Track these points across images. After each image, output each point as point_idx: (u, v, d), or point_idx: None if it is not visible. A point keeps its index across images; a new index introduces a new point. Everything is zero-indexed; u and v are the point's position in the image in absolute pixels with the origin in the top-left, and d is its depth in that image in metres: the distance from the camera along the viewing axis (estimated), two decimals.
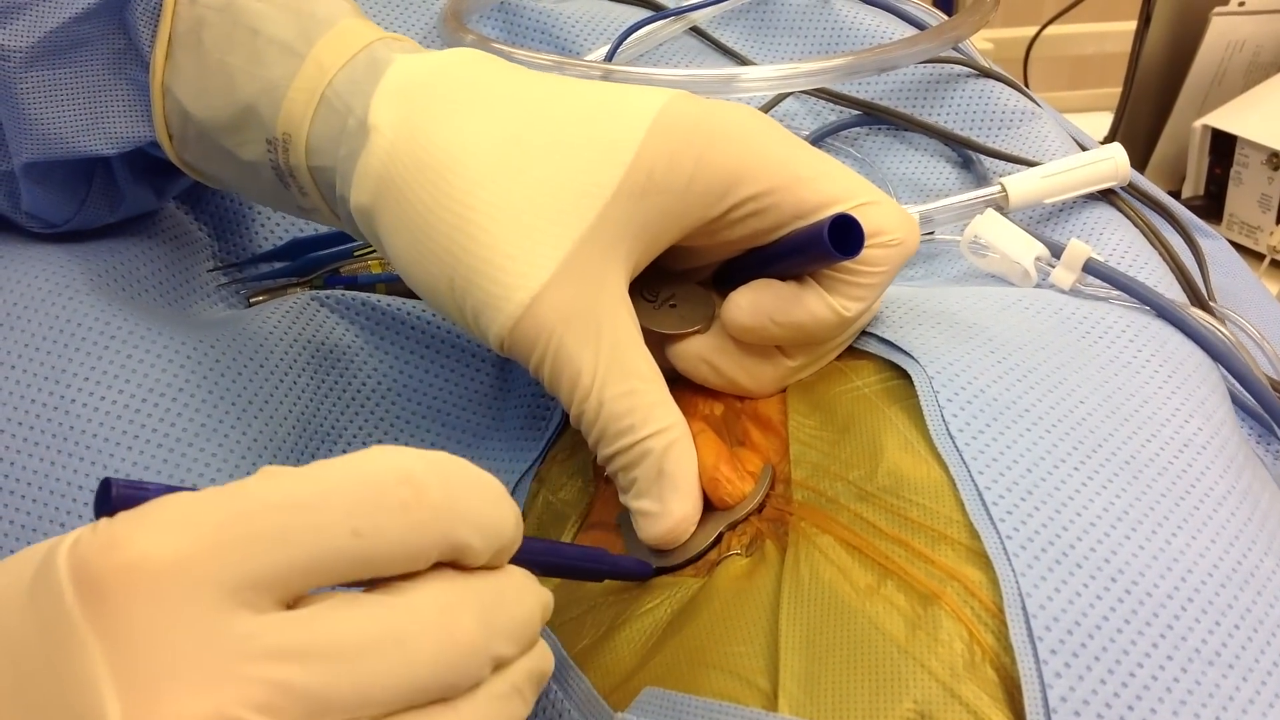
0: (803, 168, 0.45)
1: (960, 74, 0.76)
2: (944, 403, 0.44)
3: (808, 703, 0.37)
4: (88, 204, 0.56)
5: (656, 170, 0.44)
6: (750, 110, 0.47)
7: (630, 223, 0.44)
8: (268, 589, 0.30)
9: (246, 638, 0.29)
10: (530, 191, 0.44)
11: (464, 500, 0.33)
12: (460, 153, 0.44)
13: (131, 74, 0.52)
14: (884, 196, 0.47)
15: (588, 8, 0.80)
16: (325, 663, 0.30)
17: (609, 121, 0.45)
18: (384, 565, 0.32)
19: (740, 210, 0.45)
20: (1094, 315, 0.51)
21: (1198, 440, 0.45)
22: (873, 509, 0.42)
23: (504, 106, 0.46)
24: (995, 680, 0.36)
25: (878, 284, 0.47)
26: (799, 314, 0.46)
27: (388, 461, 0.32)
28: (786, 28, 0.82)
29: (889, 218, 0.46)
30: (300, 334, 0.56)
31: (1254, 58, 1.32)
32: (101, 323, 0.50)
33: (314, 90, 0.48)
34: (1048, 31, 1.62)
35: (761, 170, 0.45)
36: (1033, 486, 0.41)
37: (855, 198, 0.46)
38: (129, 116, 0.53)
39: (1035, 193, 0.63)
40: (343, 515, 0.31)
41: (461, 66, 0.48)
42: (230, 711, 0.28)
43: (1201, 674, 0.37)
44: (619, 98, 0.46)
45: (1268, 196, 1.18)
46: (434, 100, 0.46)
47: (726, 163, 0.44)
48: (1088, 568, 0.38)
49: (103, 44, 0.52)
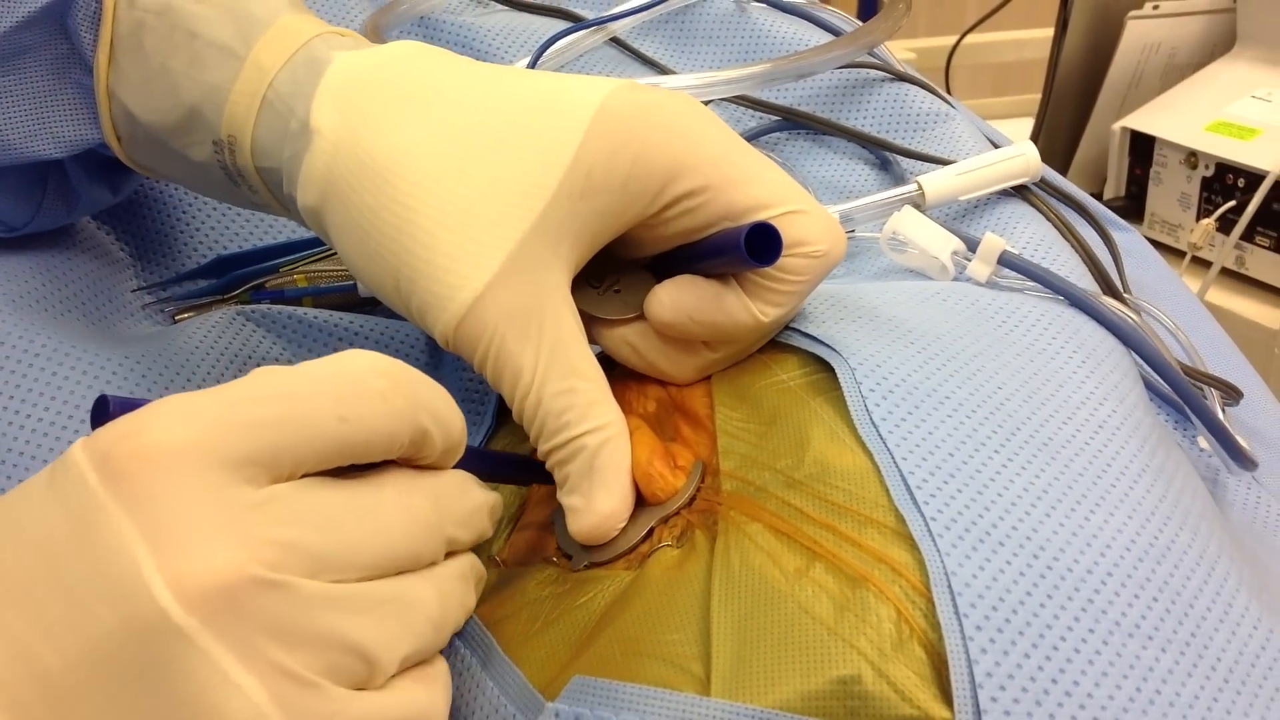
0: (736, 169, 0.46)
1: (876, 78, 0.77)
2: (867, 393, 0.44)
3: (739, 686, 0.37)
4: (44, 206, 0.56)
5: (595, 169, 0.44)
6: (690, 102, 0.47)
7: (571, 222, 0.44)
8: (265, 468, 0.34)
9: (255, 506, 0.33)
10: (472, 193, 0.44)
11: (427, 395, 0.38)
12: (402, 154, 0.45)
13: (76, 78, 0.52)
14: (814, 206, 0.47)
15: (507, 20, 0.81)
16: (318, 527, 0.34)
17: (550, 118, 0.45)
18: (364, 449, 0.37)
19: (674, 208, 0.45)
20: (1009, 305, 0.52)
21: (1112, 422, 0.46)
22: (800, 496, 0.42)
23: (445, 104, 0.46)
24: (924, 658, 0.37)
25: (798, 292, 0.47)
26: (717, 315, 0.47)
27: (366, 359, 0.37)
28: (705, 37, 0.82)
29: (814, 228, 0.46)
30: (227, 348, 0.55)
31: (1170, 59, 1.34)
32: (26, 340, 0.49)
33: (255, 93, 0.48)
34: (968, 40, 1.64)
35: (696, 168, 0.45)
36: (955, 470, 0.41)
37: (784, 204, 0.46)
38: (75, 120, 0.53)
39: (951, 190, 0.64)
40: (331, 403, 0.35)
41: (402, 62, 0.48)
42: (249, 570, 0.32)
43: (1122, 645, 0.37)
44: (561, 91, 0.46)
45: (1187, 195, 1.20)
46: (375, 100, 0.46)
47: (662, 159, 0.44)
48: (1010, 546, 0.39)
49: (45, 50, 0.52)
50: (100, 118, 0.52)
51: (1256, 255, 1.15)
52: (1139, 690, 0.37)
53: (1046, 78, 1.35)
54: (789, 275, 0.46)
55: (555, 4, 0.85)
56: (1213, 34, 1.34)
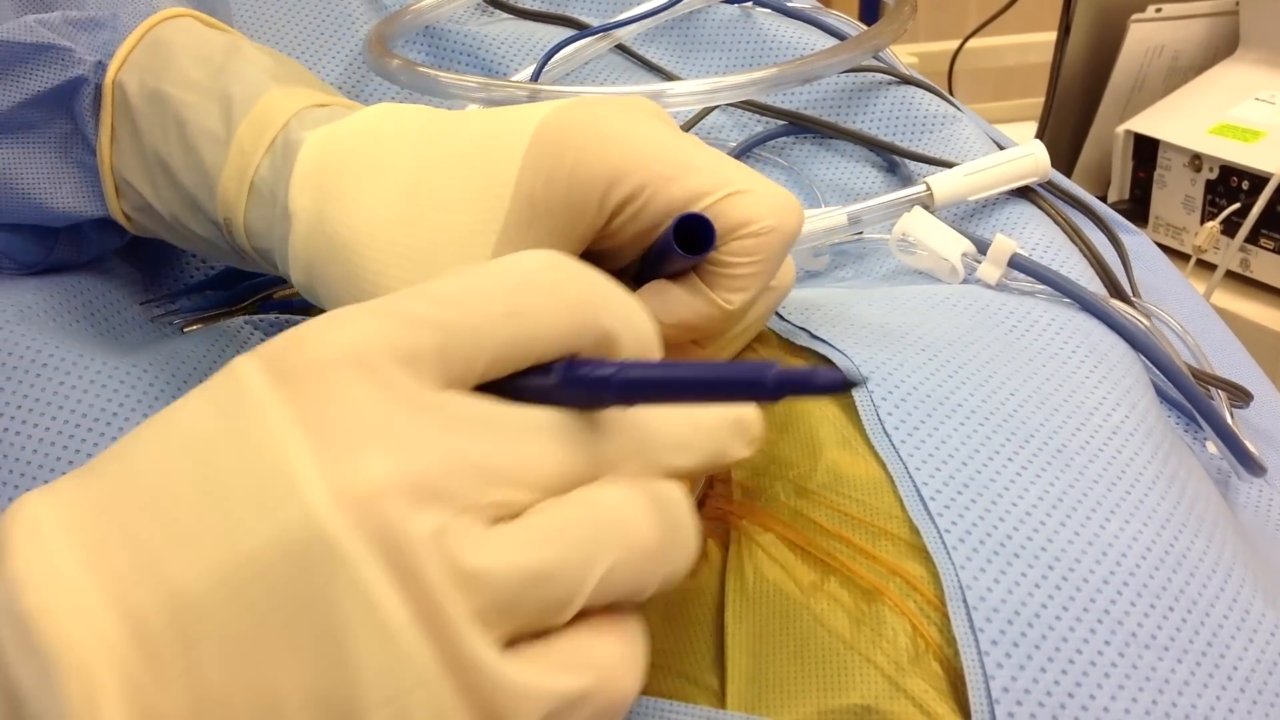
0: (669, 164, 0.44)
1: (881, 81, 0.77)
2: (879, 401, 0.44)
3: (756, 700, 0.37)
4: (56, 249, 0.57)
5: (536, 193, 0.43)
6: (623, 107, 0.46)
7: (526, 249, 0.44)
8: (436, 366, 0.32)
9: (426, 409, 0.31)
10: (427, 244, 0.44)
11: (608, 293, 0.35)
12: (362, 225, 0.45)
13: (79, 157, 0.54)
14: (757, 183, 0.45)
15: (512, 29, 0.80)
16: (495, 437, 0.31)
17: (492, 150, 0.45)
18: (538, 346, 0.33)
19: (621, 215, 0.44)
20: (1020, 310, 0.52)
21: (1125, 427, 0.46)
22: (813, 506, 0.42)
23: (398, 166, 0.46)
24: (940, 673, 0.37)
25: (756, 273, 0.45)
26: (683, 313, 0.46)
27: (539, 255, 0.35)
28: (710, 43, 0.82)
29: (758, 205, 0.44)
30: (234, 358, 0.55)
31: (1173, 62, 1.34)
32: (33, 350, 0.49)
33: (242, 179, 0.49)
34: (970, 44, 1.64)
35: (631, 171, 0.44)
36: (968, 480, 0.41)
37: (722, 189, 0.44)
38: (79, 196, 0.54)
39: (959, 190, 0.64)
40: (498, 297, 0.33)
41: (366, 132, 0.48)
42: (423, 480, 0.29)
43: (1139, 656, 0.37)
44: (500, 125, 0.46)
45: (1191, 198, 1.20)
46: (337, 178, 0.47)
47: (598, 169, 0.43)
48: (1025, 557, 0.39)
49: (50, 129, 0.53)
50: (106, 198, 0.54)
51: (1261, 258, 1.15)
52: (1155, 701, 0.37)
53: (1049, 81, 1.35)
54: (739, 258, 0.44)
55: (560, 11, 0.85)
56: (1216, 36, 1.34)
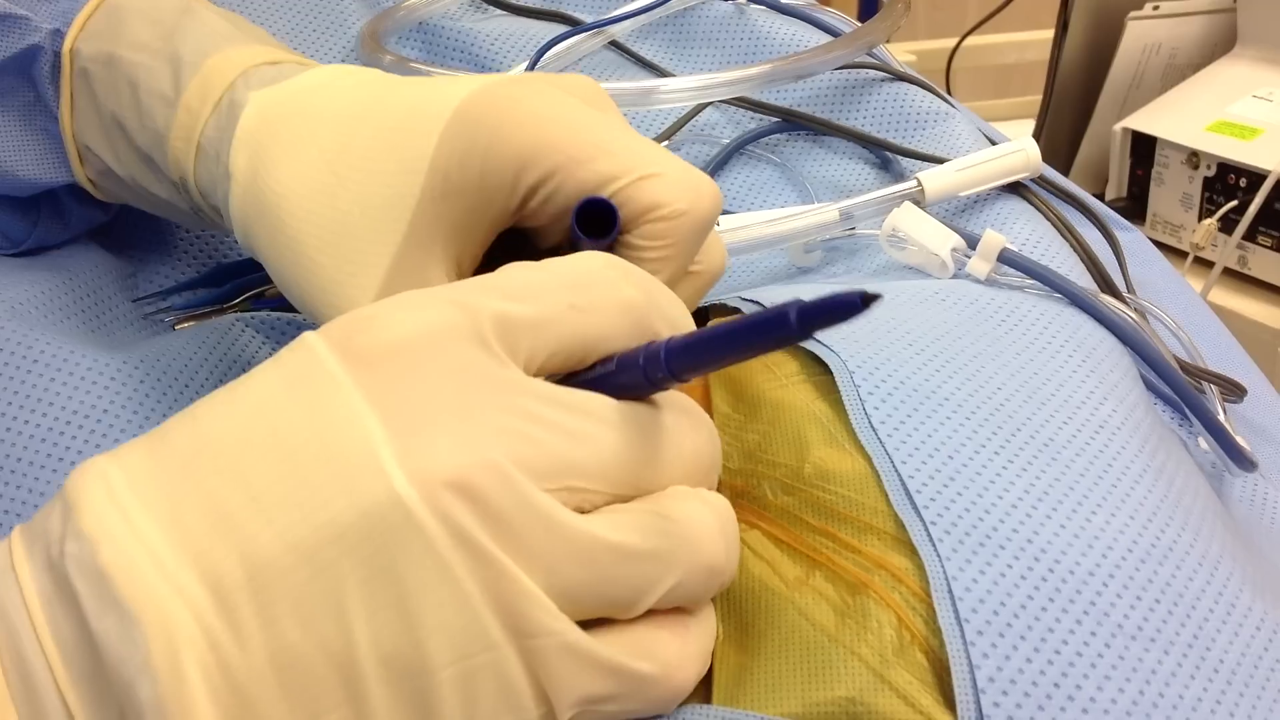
0: (583, 148, 0.43)
1: (875, 78, 0.77)
2: (865, 395, 0.44)
3: (741, 695, 0.37)
4: (40, 225, 0.58)
5: (451, 171, 0.43)
6: (543, 88, 0.45)
7: (440, 225, 0.44)
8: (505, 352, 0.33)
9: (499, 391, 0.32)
10: (344, 215, 0.44)
11: (661, 297, 0.38)
12: (287, 190, 0.46)
13: (43, 124, 0.54)
14: (671, 166, 0.44)
15: (506, 25, 0.80)
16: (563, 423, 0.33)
17: (413, 125, 0.45)
18: (597, 341, 0.36)
19: (534, 198, 0.44)
20: (1009, 304, 0.52)
21: (1112, 421, 0.46)
22: (799, 502, 0.42)
23: (327, 131, 0.46)
24: (925, 664, 0.37)
25: (666, 258, 0.44)
26: None
27: (600, 257, 0.38)
28: (704, 39, 0.82)
29: (669, 189, 0.43)
30: (225, 354, 0.55)
31: (1170, 60, 1.34)
32: (24, 347, 0.49)
33: (190, 138, 0.49)
34: (969, 42, 1.64)
35: (544, 154, 0.43)
36: (955, 473, 0.41)
37: (633, 172, 0.43)
38: (45, 163, 0.55)
39: (950, 185, 0.64)
40: (564, 290, 0.35)
41: (306, 95, 0.48)
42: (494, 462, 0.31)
43: (1125, 649, 0.37)
44: (425, 97, 0.45)
45: (1189, 195, 1.20)
46: (272, 140, 0.47)
47: (512, 151, 0.43)
48: (1011, 549, 0.39)
49: (13, 97, 0.54)
50: (71, 163, 0.54)
51: (1259, 255, 1.15)
52: (1142, 693, 0.37)
53: (1047, 79, 1.35)
54: (650, 242, 0.44)
55: (553, 8, 0.85)
56: (1213, 34, 1.34)
